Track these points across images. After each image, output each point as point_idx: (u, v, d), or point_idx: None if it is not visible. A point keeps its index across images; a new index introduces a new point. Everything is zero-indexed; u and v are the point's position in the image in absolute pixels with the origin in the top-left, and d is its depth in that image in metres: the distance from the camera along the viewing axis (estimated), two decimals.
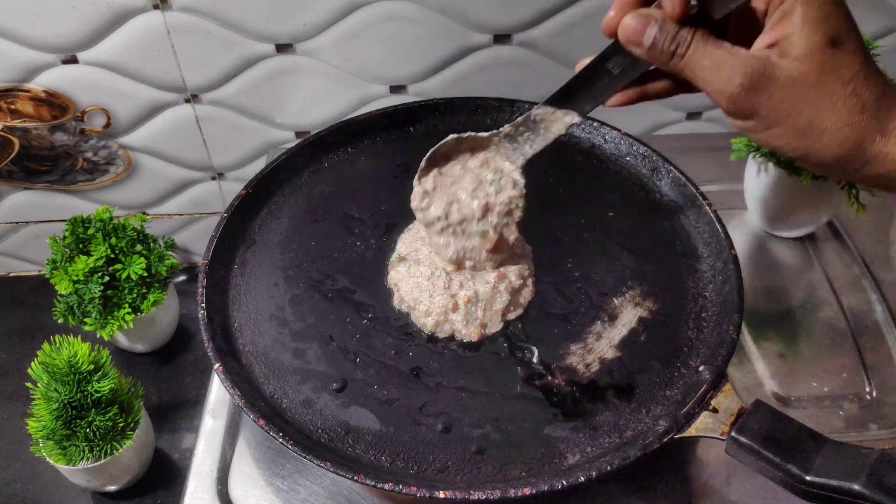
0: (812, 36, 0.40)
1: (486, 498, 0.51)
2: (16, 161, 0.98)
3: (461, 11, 0.85)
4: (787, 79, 0.40)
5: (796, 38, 0.40)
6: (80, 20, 0.83)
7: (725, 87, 0.41)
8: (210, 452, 0.67)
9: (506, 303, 0.65)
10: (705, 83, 0.42)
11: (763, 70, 0.40)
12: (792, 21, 0.40)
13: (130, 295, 0.90)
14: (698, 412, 0.55)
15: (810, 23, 0.40)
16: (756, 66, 0.40)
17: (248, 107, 0.94)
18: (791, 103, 0.40)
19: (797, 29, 0.40)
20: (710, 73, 0.42)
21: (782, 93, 0.40)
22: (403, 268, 0.68)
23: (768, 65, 0.40)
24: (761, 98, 0.40)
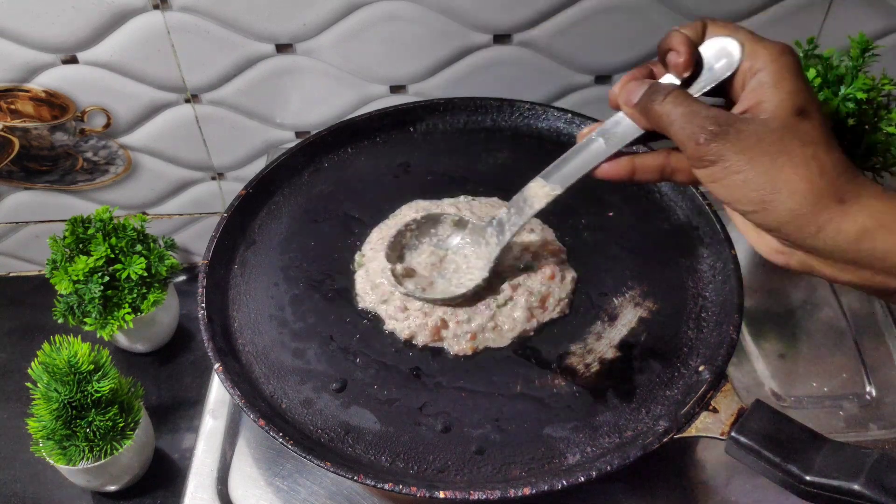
0: (782, 103, 0.43)
1: (486, 498, 0.51)
2: (16, 161, 0.98)
3: (461, 11, 0.85)
4: (752, 132, 0.42)
5: (767, 103, 0.43)
6: (80, 20, 0.83)
7: (695, 131, 0.43)
8: (210, 452, 0.67)
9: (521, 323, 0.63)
10: (678, 129, 0.44)
11: (732, 122, 0.43)
12: (765, 89, 0.43)
13: (130, 295, 0.90)
14: (698, 412, 0.55)
15: (781, 92, 0.43)
16: (726, 118, 0.43)
17: (248, 107, 0.94)
18: (753, 154, 0.42)
19: (768, 96, 0.43)
20: (683, 119, 0.44)
21: (747, 143, 0.42)
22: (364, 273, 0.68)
23: (738, 120, 0.43)
24: (726, 146, 0.42)
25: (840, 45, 0.75)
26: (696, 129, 0.43)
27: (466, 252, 0.66)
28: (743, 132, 0.42)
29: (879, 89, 0.71)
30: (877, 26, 0.88)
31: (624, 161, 0.51)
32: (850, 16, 0.87)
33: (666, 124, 0.45)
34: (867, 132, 0.71)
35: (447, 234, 0.68)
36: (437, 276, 0.66)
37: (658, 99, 0.46)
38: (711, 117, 0.43)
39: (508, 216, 0.60)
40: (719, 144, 0.42)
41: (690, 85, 0.47)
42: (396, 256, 0.67)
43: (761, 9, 0.86)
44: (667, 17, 0.86)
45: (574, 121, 0.80)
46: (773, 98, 0.43)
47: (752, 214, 0.44)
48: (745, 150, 0.42)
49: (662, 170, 0.50)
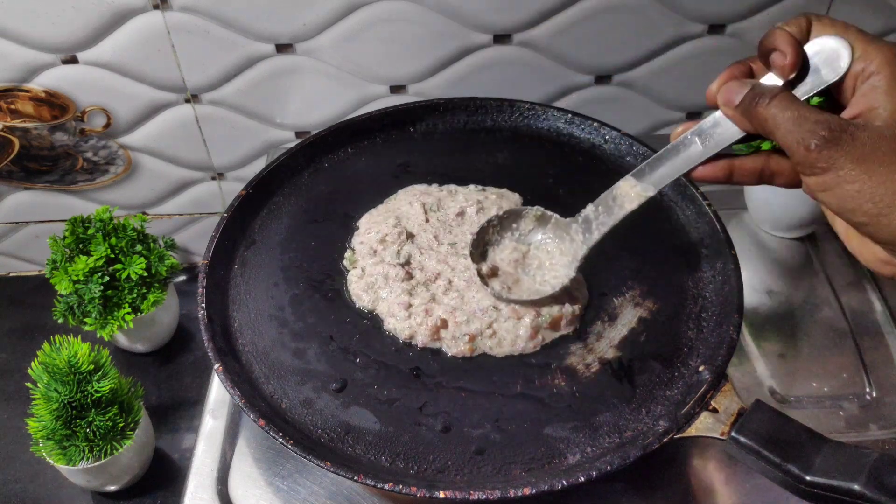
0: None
1: (486, 498, 0.51)
2: (16, 161, 0.98)
3: (461, 11, 0.85)
4: (868, 140, 0.40)
5: (882, 109, 0.41)
6: (80, 20, 0.83)
7: (805, 136, 0.41)
8: (210, 452, 0.67)
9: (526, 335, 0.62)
10: (785, 132, 0.42)
11: (845, 128, 0.40)
12: (878, 93, 0.41)
13: (130, 295, 0.90)
14: (698, 412, 0.55)
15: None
16: (840, 123, 0.41)
17: (248, 107, 0.94)
18: (870, 164, 0.40)
19: (883, 102, 0.41)
20: (791, 123, 0.42)
21: (862, 151, 0.40)
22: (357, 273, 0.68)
23: (852, 126, 0.41)
24: (839, 153, 0.40)
25: None
26: (806, 134, 0.41)
27: (550, 248, 0.65)
28: (858, 139, 0.40)
29: None
30: (877, 26, 0.89)
31: (722, 163, 0.49)
32: (850, 16, 0.87)
33: (772, 128, 0.43)
34: None
35: (529, 229, 0.67)
36: (522, 272, 0.65)
37: (763, 102, 0.43)
38: (823, 122, 0.41)
39: (596, 214, 0.59)
40: (832, 151, 0.40)
41: (795, 87, 0.45)
42: (479, 254, 0.66)
43: (761, 9, 0.86)
44: (667, 17, 0.87)
45: (574, 121, 0.80)
46: (888, 105, 0.41)
47: (864, 226, 0.42)
48: (860, 159, 0.40)
49: (762, 173, 0.48)
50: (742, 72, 0.47)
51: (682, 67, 0.92)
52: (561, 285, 0.62)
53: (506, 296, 0.63)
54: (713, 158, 0.49)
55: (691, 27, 0.88)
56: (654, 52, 0.90)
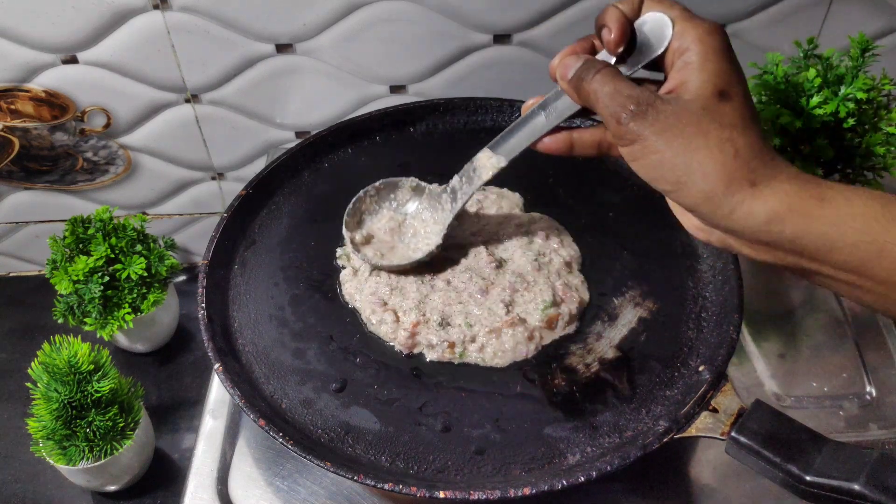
0: (704, 84, 0.43)
1: (486, 498, 0.51)
2: (16, 161, 0.98)
3: (461, 11, 0.85)
4: (671, 113, 0.43)
5: (690, 83, 0.44)
6: (80, 20, 0.83)
7: (617, 110, 0.44)
8: (210, 452, 0.67)
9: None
10: (602, 107, 0.45)
11: (652, 102, 0.43)
12: (690, 69, 0.44)
13: (130, 295, 0.90)
14: (698, 412, 0.55)
15: (704, 73, 0.43)
16: (647, 98, 0.44)
17: (248, 107, 0.94)
18: (671, 135, 0.43)
19: (692, 76, 0.44)
20: (608, 97, 0.45)
21: (664, 124, 0.43)
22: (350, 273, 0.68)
23: (659, 100, 0.44)
24: (644, 125, 0.43)
25: (840, 45, 0.75)
26: (617, 107, 0.44)
27: (424, 217, 0.67)
28: (662, 113, 0.43)
29: (879, 89, 0.71)
30: (877, 26, 0.88)
31: (563, 135, 0.52)
32: (850, 16, 0.87)
33: (593, 102, 0.46)
34: (867, 132, 0.71)
35: (406, 199, 0.69)
36: (398, 240, 0.67)
37: (588, 77, 0.46)
38: (633, 97, 0.44)
39: (460, 184, 0.62)
40: (638, 124, 0.43)
41: (625, 61, 0.48)
42: (356, 223, 0.68)
43: (761, 9, 0.86)
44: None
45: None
46: (696, 79, 0.43)
47: (670, 194, 0.45)
48: (662, 131, 0.43)
49: (599, 145, 0.51)
50: (584, 47, 0.50)
51: None
52: (429, 251, 0.64)
53: (376, 262, 0.65)
54: (556, 131, 0.52)
55: None
56: None
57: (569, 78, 0.48)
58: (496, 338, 0.61)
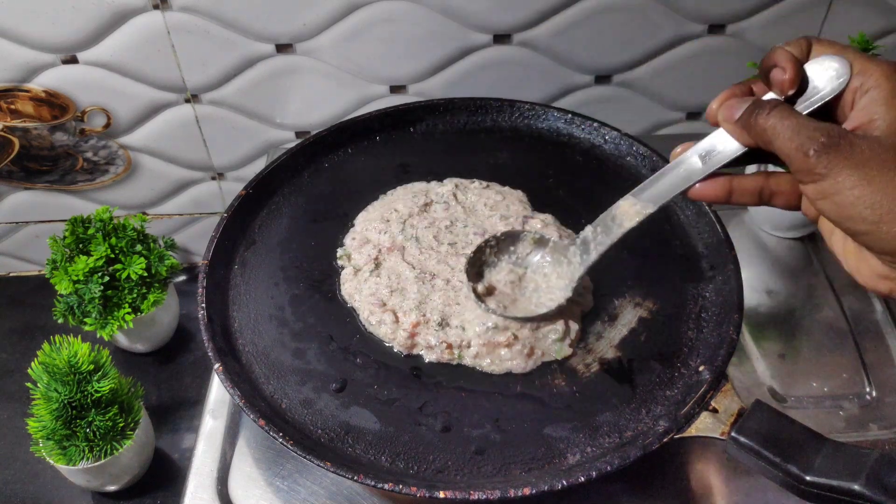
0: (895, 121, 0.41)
1: (486, 498, 0.51)
2: (16, 161, 0.98)
3: (461, 11, 0.85)
4: (867, 147, 0.40)
5: (879, 121, 0.41)
6: (80, 20, 0.83)
7: (804, 143, 0.41)
8: (210, 452, 0.66)
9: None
10: (785, 140, 0.42)
11: (844, 135, 0.41)
12: (877, 105, 0.41)
13: (130, 295, 0.90)
14: (698, 412, 0.55)
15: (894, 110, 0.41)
16: (838, 130, 0.41)
17: (248, 107, 0.94)
18: (869, 170, 0.40)
19: (881, 114, 0.41)
20: (790, 131, 0.42)
21: (861, 157, 0.40)
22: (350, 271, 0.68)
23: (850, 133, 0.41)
24: (838, 158, 0.40)
25: None
26: (805, 140, 0.41)
27: (547, 271, 0.64)
28: (857, 146, 0.40)
29: None
30: (877, 26, 0.89)
31: (721, 181, 0.48)
32: (850, 16, 0.87)
33: (771, 137, 0.43)
34: None
35: (527, 253, 0.66)
36: (519, 293, 0.64)
37: (763, 113, 0.43)
38: (822, 129, 0.41)
39: (594, 235, 0.58)
40: (831, 157, 0.40)
41: (794, 104, 0.45)
42: (476, 273, 0.65)
43: (761, 9, 0.86)
44: (667, 17, 0.87)
45: (574, 121, 0.80)
46: (887, 116, 0.41)
47: (862, 236, 0.41)
48: (859, 165, 0.40)
49: (761, 192, 0.48)
50: (742, 91, 0.48)
51: (682, 67, 0.92)
52: (556, 305, 0.62)
53: (501, 312, 0.62)
54: (712, 176, 0.49)
55: (691, 27, 0.88)
56: (653, 52, 0.90)
57: (736, 118, 0.45)
58: (491, 351, 0.61)
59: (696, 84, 0.94)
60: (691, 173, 0.49)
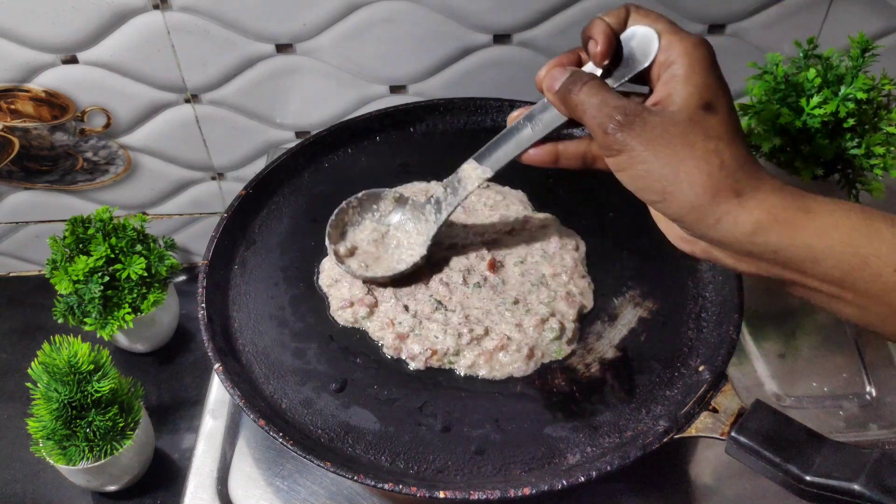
0: (689, 97, 0.44)
1: (486, 498, 0.51)
2: (16, 161, 0.98)
3: (461, 11, 0.85)
4: (658, 124, 0.43)
5: (675, 96, 0.44)
6: (80, 20, 0.83)
7: (604, 120, 0.45)
8: (210, 452, 0.67)
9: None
10: (589, 118, 0.46)
11: (639, 113, 0.44)
12: (676, 81, 0.44)
13: (130, 295, 0.90)
14: (698, 412, 0.55)
15: (690, 86, 0.44)
16: (634, 109, 0.44)
17: (248, 107, 0.94)
18: (657, 146, 0.43)
19: (678, 89, 0.44)
20: (595, 108, 0.45)
21: (651, 134, 0.43)
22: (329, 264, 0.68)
23: (646, 111, 0.44)
24: (631, 135, 0.44)
25: (840, 45, 0.75)
26: (604, 118, 0.44)
27: (408, 228, 0.67)
28: (648, 123, 0.43)
29: (879, 89, 0.71)
30: (877, 26, 0.88)
31: (548, 147, 0.52)
32: (850, 16, 0.87)
33: (580, 113, 0.47)
34: (867, 132, 0.71)
35: (388, 211, 0.68)
36: (382, 251, 0.67)
37: (575, 88, 0.47)
38: (620, 107, 0.44)
39: (445, 195, 0.62)
40: (625, 134, 0.44)
41: (611, 73, 0.48)
42: (339, 234, 0.68)
43: (761, 9, 0.86)
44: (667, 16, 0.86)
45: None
46: (682, 91, 0.44)
47: (655, 204, 0.45)
48: (649, 142, 0.43)
49: (584, 157, 0.52)
50: (570, 60, 0.50)
51: None
52: (413, 262, 0.64)
53: (361, 273, 0.65)
54: (542, 142, 0.52)
55: (691, 27, 0.88)
56: None
57: (556, 89, 0.49)
58: (489, 359, 0.61)
59: None
60: (523, 139, 0.53)
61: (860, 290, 0.42)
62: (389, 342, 0.62)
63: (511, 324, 0.62)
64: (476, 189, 0.59)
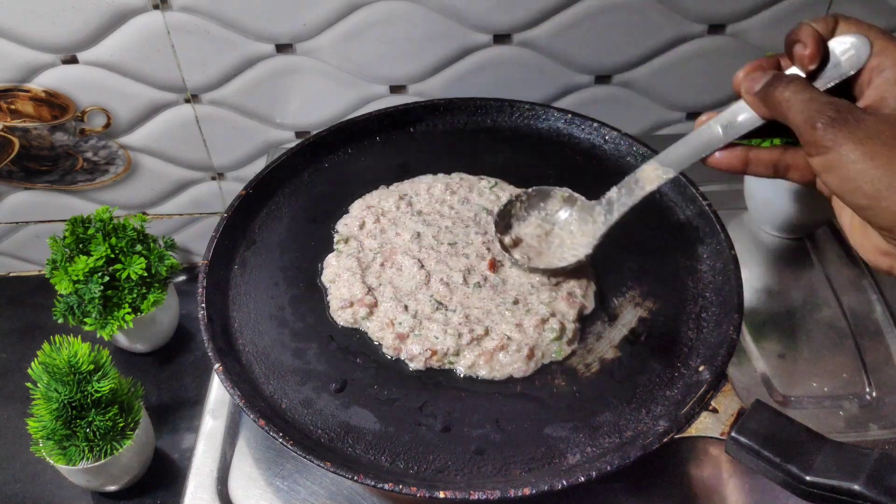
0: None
1: (486, 498, 0.51)
2: (16, 161, 0.98)
3: (461, 11, 0.85)
4: (873, 124, 0.41)
5: (890, 100, 0.42)
6: (80, 20, 0.83)
7: (813, 116, 0.43)
8: (210, 452, 0.66)
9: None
10: (796, 113, 0.44)
11: (852, 111, 0.42)
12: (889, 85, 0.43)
13: (130, 295, 0.90)
14: (698, 412, 0.55)
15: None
16: (847, 106, 0.42)
17: (248, 107, 0.94)
18: (872, 146, 0.41)
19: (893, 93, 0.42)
20: (802, 104, 0.44)
21: (865, 133, 0.41)
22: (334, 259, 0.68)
23: (858, 110, 0.42)
24: (843, 133, 0.41)
25: None
26: (814, 113, 0.43)
27: (573, 228, 0.67)
28: (862, 122, 0.41)
29: None
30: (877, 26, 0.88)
31: (738, 151, 0.51)
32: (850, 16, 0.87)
33: (784, 110, 0.45)
34: None
35: (556, 209, 0.68)
36: (545, 248, 0.67)
37: (780, 86, 0.45)
38: (832, 104, 0.42)
39: (618, 196, 0.61)
40: (837, 131, 0.42)
41: (815, 80, 0.47)
42: (504, 226, 0.68)
43: (761, 9, 0.86)
44: (667, 17, 0.87)
45: (574, 121, 0.80)
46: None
47: (863, 210, 0.42)
48: (863, 141, 0.41)
49: (776, 165, 0.50)
50: (769, 64, 0.49)
51: (682, 67, 0.92)
52: (576, 260, 0.64)
53: (523, 264, 0.65)
54: (731, 146, 0.51)
55: (691, 27, 0.88)
56: (653, 52, 0.90)
57: (756, 90, 0.47)
58: (489, 360, 0.61)
59: (695, 84, 0.94)
60: (711, 141, 0.52)
61: None
62: (389, 342, 0.62)
63: (511, 324, 0.62)
64: (654, 189, 0.58)
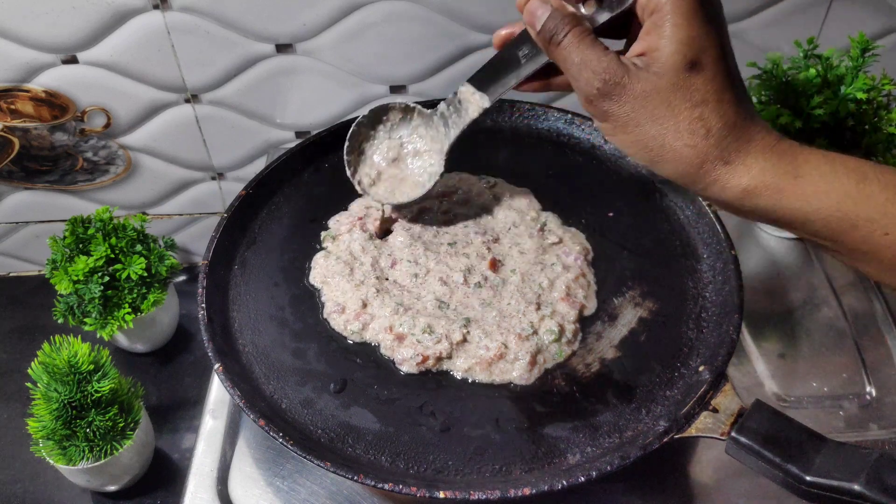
0: (673, 55, 0.42)
1: (486, 498, 0.51)
2: (16, 161, 0.98)
3: (461, 11, 0.85)
4: (640, 91, 0.42)
5: (659, 53, 0.42)
6: (80, 20, 0.83)
7: (585, 87, 0.44)
8: (210, 452, 0.66)
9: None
10: (573, 79, 0.45)
11: (619, 80, 0.42)
12: (660, 35, 0.42)
13: (130, 295, 0.90)
14: (698, 412, 0.55)
15: (674, 42, 0.42)
16: (615, 74, 0.42)
17: (248, 107, 0.94)
18: (639, 115, 0.42)
19: (662, 44, 0.42)
20: (576, 69, 0.44)
21: (633, 103, 0.42)
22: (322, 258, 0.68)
23: (627, 74, 0.42)
24: (613, 105, 0.43)
25: (840, 45, 0.75)
26: (584, 84, 0.44)
27: (421, 133, 0.67)
28: (629, 92, 0.42)
29: (879, 89, 0.71)
30: (877, 26, 0.88)
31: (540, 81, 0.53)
32: (850, 16, 0.87)
33: (565, 70, 0.46)
34: (867, 132, 0.71)
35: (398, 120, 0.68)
36: (404, 168, 0.67)
37: (557, 40, 0.45)
38: (600, 73, 0.43)
39: (449, 112, 0.63)
40: (607, 103, 0.43)
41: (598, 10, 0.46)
42: (357, 157, 0.68)
43: (761, 9, 0.86)
44: None
45: (574, 121, 0.80)
46: (666, 48, 0.42)
47: (649, 166, 0.45)
48: (632, 111, 0.42)
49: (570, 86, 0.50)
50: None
51: None
52: (437, 176, 0.65)
53: (388, 199, 0.66)
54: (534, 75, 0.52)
55: None
56: None
57: (538, 28, 0.47)
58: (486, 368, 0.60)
59: None
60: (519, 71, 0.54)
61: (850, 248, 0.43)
62: (388, 343, 0.62)
63: (510, 331, 0.61)
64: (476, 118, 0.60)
